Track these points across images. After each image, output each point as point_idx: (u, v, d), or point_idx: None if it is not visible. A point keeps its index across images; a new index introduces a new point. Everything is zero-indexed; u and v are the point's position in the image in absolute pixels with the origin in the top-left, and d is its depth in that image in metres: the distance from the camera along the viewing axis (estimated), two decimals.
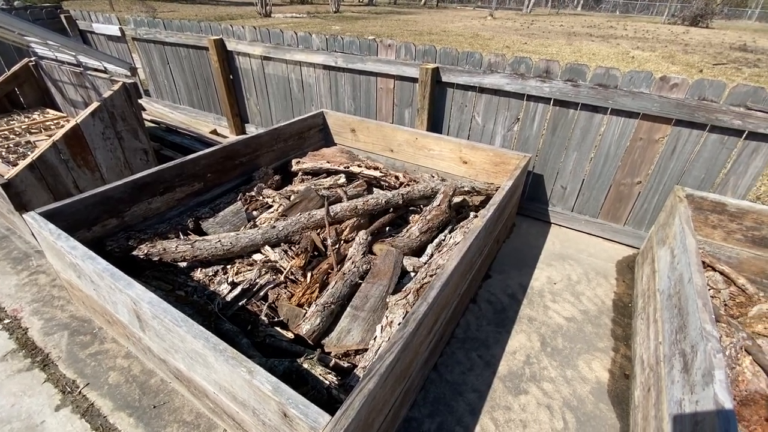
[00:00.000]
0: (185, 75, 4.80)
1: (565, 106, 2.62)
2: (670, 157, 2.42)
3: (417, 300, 1.48)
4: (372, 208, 2.46)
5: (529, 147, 2.88)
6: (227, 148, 2.72)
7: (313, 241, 2.21)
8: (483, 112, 2.97)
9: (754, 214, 2.13)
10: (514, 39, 14.91)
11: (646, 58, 11.45)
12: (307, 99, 3.91)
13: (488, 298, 2.28)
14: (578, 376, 1.82)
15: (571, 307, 2.23)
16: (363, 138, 3.35)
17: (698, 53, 13.02)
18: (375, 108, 3.50)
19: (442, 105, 3.12)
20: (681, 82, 2.22)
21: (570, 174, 2.82)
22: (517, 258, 2.64)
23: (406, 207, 2.68)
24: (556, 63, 2.53)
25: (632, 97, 2.34)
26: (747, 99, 2.09)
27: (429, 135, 3.00)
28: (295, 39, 3.60)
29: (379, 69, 3.21)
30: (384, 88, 3.34)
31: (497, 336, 2.02)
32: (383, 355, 1.15)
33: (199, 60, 4.49)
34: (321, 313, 1.73)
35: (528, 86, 2.63)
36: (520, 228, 2.98)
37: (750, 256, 2.24)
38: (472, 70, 2.81)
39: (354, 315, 1.73)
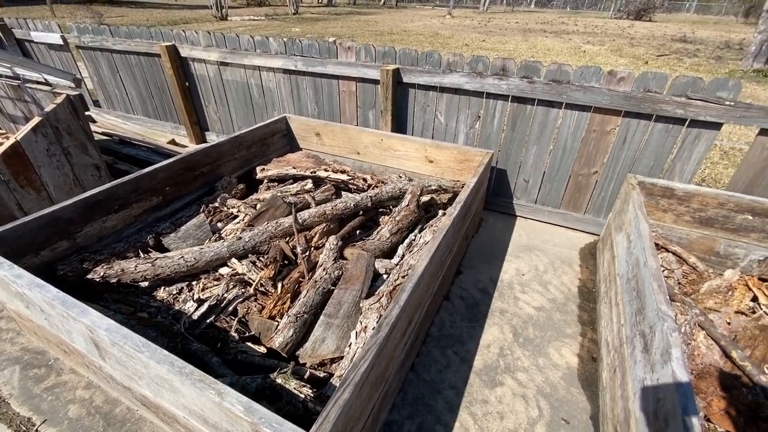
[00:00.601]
0: (138, 84, 4.58)
1: (522, 103, 2.71)
2: (622, 147, 2.55)
3: (390, 303, 1.48)
4: (341, 213, 2.44)
5: (491, 143, 2.95)
6: (186, 158, 2.62)
7: (282, 250, 2.17)
8: (445, 111, 3.01)
9: (700, 197, 2.27)
10: (473, 37, 15.25)
11: (597, 51, 12.02)
12: (268, 104, 3.83)
13: (460, 293, 2.32)
14: (550, 363, 1.89)
15: (539, 297, 2.30)
16: (328, 141, 3.32)
17: (643, 46, 13.80)
18: (339, 111, 3.48)
19: (405, 105, 3.14)
20: (627, 76, 2.34)
21: (531, 167, 2.91)
22: (486, 252, 2.70)
23: (375, 209, 2.68)
24: (511, 61, 2.61)
25: (584, 92, 2.44)
26: (687, 89, 2.24)
27: (394, 136, 3.01)
28: (252, 43, 3.51)
29: (340, 72, 3.19)
30: (346, 90, 3.32)
31: (471, 331, 2.06)
32: (357, 363, 1.14)
33: (151, 68, 4.30)
34: (294, 324, 1.70)
35: (486, 84, 2.70)
36: (487, 222, 3.05)
37: (698, 236, 2.39)
38: (431, 70, 2.85)
39: (328, 323, 1.71)
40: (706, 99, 2.19)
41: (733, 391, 1.35)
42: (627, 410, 1.38)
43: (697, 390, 1.42)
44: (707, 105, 2.20)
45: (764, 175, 2.32)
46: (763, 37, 8.76)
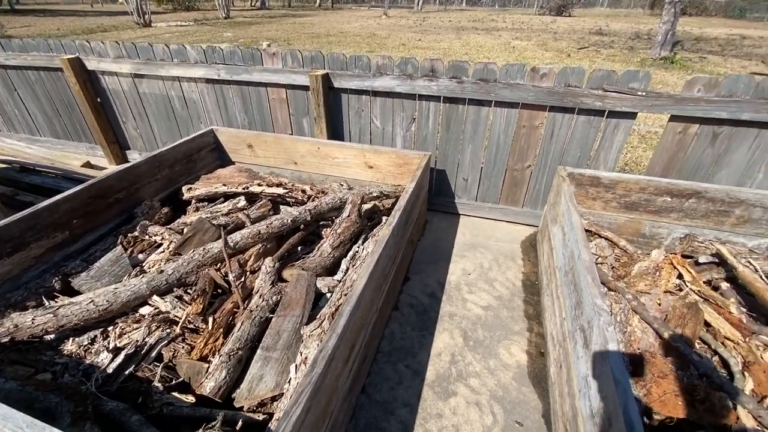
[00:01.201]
0: (41, 102, 4.07)
1: (454, 103, 2.71)
2: (551, 140, 2.63)
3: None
4: (278, 230, 2.29)
5: (429, 144, 2.94)
6: (96, 185, 2.33)
7: (213, 279, 1.98)
8: (380, 115, 2.95)
9: (623, 183, 2.39)
10: (409, 36, 15.46)
11: (525, 47, 12.66)
12: (193, 116, 3.55)
13: (410, 301, 2.26)
14: (500, 364, 1.88)
15: (486, 296, 2.31)
16: (262, 153, 3.14)
17: (565, 39, 14.77)
18: (270, 119, 3.30)
19: (340, 111, 3.04)
20: (548, 72, 2.41)
21: (469, 166, 2.93)
22: (432, 255, 2.67)
23: (316, 222, 2.55)
24: (439, 62, 2.59)
25: (510, 89, 2.49)
26: (603, 82, 2.34)
27: (331, 143, 2.90)
28: (168, 53, 3.23)
29: (268, 79, 3.02)
30: (276, 98, 3.16)
31: (422, 340, 2.01)
32: (290, 410, 1.03)
33: (55, 83, 3.84)
34: (226, 364, 1.54)
35: (417, 86, 2.67)
36: (432, 224, 3.03)
37: (626, 219, 2.52)
38: (362, 74, 2.77)
39: (266, 357, 1.57)
40: (621, 90, 2.31)
41: (669, 375, 1.41)
42: (574, 408, 1.39)
43: (636, 378, 1.46)
44: (622, 96, 2.32)
45: (677, 158, 2.49)
46: (666, 27, 9.68)
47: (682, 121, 2.35)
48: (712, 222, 2.34)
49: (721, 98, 2.21)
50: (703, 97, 2.22)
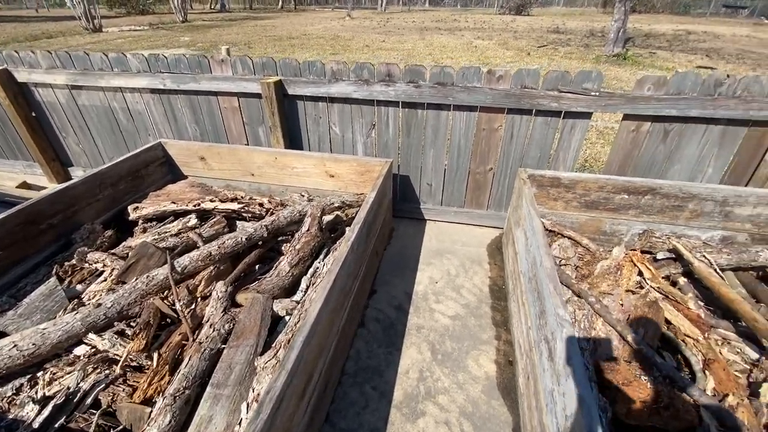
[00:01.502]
0: None
1: (413, 107, 2.65)
2: (510, 142, 2.62)
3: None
4: (232, 250, 2.15)
5: (390, 150, 2.87)
6: (25, 210, 2.12)
7: (159, 310, 1.82)
8: (339, 122, 2.85)
9: (582, 183, 2.40)
10: (373, 37, 15.41)
11: (486, 46, 12.88)
12: (140, 129, 3.33)
13: (376, 315, 2.18)
14: (469, 377, 1.83)
15: (454, 304, 2.26)
16: (216, 165, 2.97)
17: (525, 38, 15.15)
18: (224, 130, 3.13)
19: (296, 119, 2.91)
20: (505, 74, 2.39)
21: (432, 171, 2.88)
22: (399, 264, 2.60)
23: (275, 237, 2.42)
24: (396, 66, 2.53)
25: (468, 92, 2.45)
26: (558, 83, 2.34)
27: (289, 152, 2.78)
28: (107, 62, 3.00)
29: (217, 87, 2.86)
30: (228, 107, 3.00)
31: (389, 357, 1.93)
32: None
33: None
34: (172, 407, 1.40)
35: (374, 92, 2.59)
36: (398, 231, 2.96)
37: (587, 218, 2.54)
38: (317, 80, 2.66)
39: (216, 395, 1.44)
40: (575, 91, 2.32)
41: (633, 382, 1.39)
42: (542, 424, 1.34)
43: (603, 386, 1.44)
44: (577, 97, 2.33)
45: (632, 155, 2.53)
46: (618, 24, 10.09)
47: (634, 119, 2.39)
48: (668, 217, 2.39)
49: (670, 96, 2.25)
50: (654, 96, 2.26)
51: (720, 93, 2.23)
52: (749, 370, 1.60)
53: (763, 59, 11.82)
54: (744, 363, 1.63)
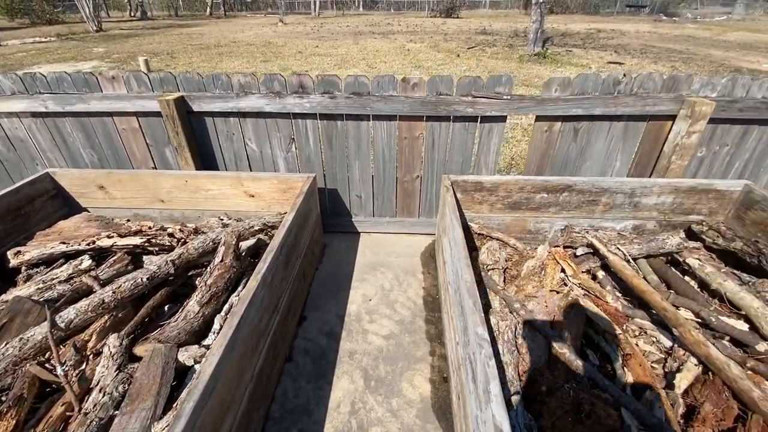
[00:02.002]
0: None
1: (332, 119, 2.54)
2: (433, 149, 2.59)
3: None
4: (131, 294, 1.89)
5: (314, 164, 2.73)
6: None
7: (36, 378, 1.54)
8: (255, 138, 2.66)
9: (504, 185, 2.43)
10: (307, 43, 15.13)
11: (419, 49, 13.14)
12: (26, 159, 2.90)
13: (305, 346, 2.03)
14: (404, 402, 1.74)
15: (388, 322, 2.17)
16: (119, 194, 2.65)
17: (455, 40, 15.67)
18: (126, 154, 2.81)
19: (207, 137, 2.68)
20: (419, 81, 2.35)
21: (360, 182, 2.79)
22: (331, 284, 2.47)
23: (186, 272, 2.18)
24: (308, 77, 2.39)
25: (385, 101, 2.38)
26: (471, 88, 2.34)
27: (201, 174, 2.54)
28: None
29: (111, 107, 2.55)
30: (128, 128, 2.69)
31: (319, 392, 1.79)
32: None
33: None
34: None
35: (288, 104, 2.44)
36: (330, 247, 2.83)
37: (512, 219, 2.57)
38: (224, 95, 2.46)
39: None
40: (488, 95, 2.33)
41: (556, 392, 1.37)
42: None
43: (529, 400, 1.41)
44: (490, 101, 2.34)
45: (548, 154, 2.60)
46: (536, 25, 10.73)
47: (546, 120, 2.45)
48: (585, 212, 2.48)
49: (575, 96, 2.33)
50: (561, 97, 2.33)
51: (619, 91, 2.35)
52: (664, 360, 1.66)
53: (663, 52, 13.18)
54: (659, 353, 1.70)
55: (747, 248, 2.17)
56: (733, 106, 2.33)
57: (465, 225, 2.58)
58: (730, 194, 2.39)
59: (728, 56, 12.29)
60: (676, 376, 1.52)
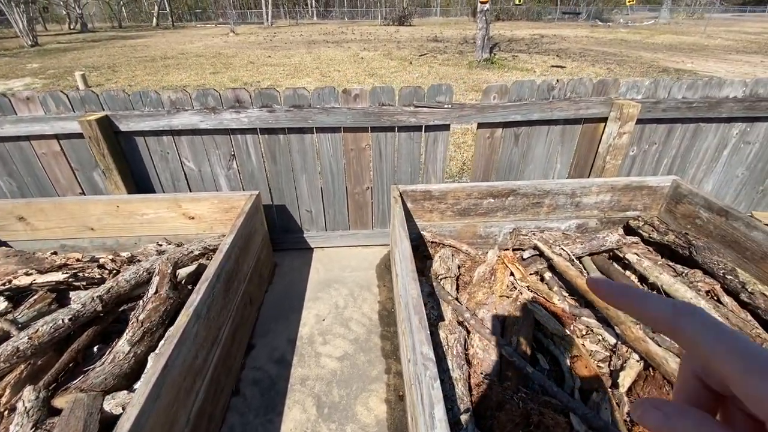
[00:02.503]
0: None
1: (273, 133, 2.45)
2: (380, 159, 2.57)
3: None
4: (51, 338, 1.70)
5: (258, 181, 2.62)
6: None
7: None
8: (192, 156, 2.52)
9: (452, 192, 2.44)
10: (259, 53, 14.83)
11: (372, 57, 13.23)
12: None
13: (254, 376, 1.91)
14: (358, 428, 1.67)
15: (342, 342, 2.10)
16: (42, 225, 2.41)
17: (407, 48, 15.95)
18: (49, 180, 2.57)
19: (139, 158, 2.50)
20: (361, 92, 2.32)
21: (308, 197, 2.71)
22: (282, 306, 2.37)
23: (117, 306, 2.00)
24: (244, 91, 2.30)
25: (327, 114, 2.33)
26: (413, 98, 2.34)
27: (133, 198, 2.36)
28: None
29: (28, 131, 2.32)
30: (48, 152, 2.46)
31: (269, 426, 1.68)
32: None
33: None
34: None
35: (225, 120, 2.32)
36: (282, 266, 2.72)
37: (463, 225, 2.59)
38: (154, 113, 2.30)
39: None
40: (429, 105, 2.34)
41: (506, 405, 1.36)
42: None
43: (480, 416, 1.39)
44: (432, 110, 2.35)
45: (492, 160, 2.65)
46: (482, 32, 11.11)
47: (488, 127, 2.50)
48: (531, 214, 2.54)
49: (512, 103, 2.39)
50: (499, 104, 2.38)
51: (554, 96, 2.43)
52: (609, 358, 1.71)
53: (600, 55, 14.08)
54: (605, 350, 1.74)
55: (678, 240, 2.30)
56: (657, 107, 2.48)
57: (418, 234, 2.57)
58: (661, 190, 2.53)
59: (656, 57, 13.33)
60: (620, 375, 1.56)
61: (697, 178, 2.89)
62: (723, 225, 2.19)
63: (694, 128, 2.65)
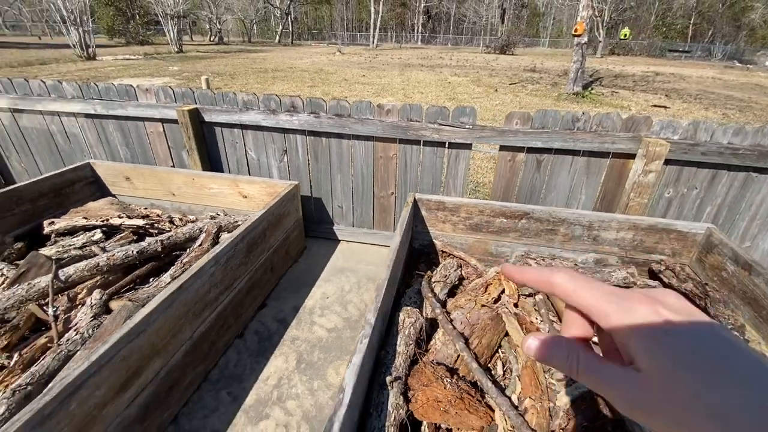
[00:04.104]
0: None
1: (317, 136, 2.88)
2: (405, 169, 2.84)
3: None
4: (122, 262, 2.29)
5: (302, 175, 3.07)
6: None
7: (33, 315, 1.94)
8: (254, 147, 3.07)
9: (465, 207, 2.60)
10: (355, 72, 16.12)
11: (460, 82, 13.54)
12: (77, 151, 3.52)
13: (257, 328, 2.30)
14: (324, 384, 1.94)
15: (336, 318, 2.39)
16: (141, 185, 3.15)
17: (500, 76, 15.94)
18: (151, 153, 3.33)
19: (215, 144, 3.13)
20: (392, 108, 2.64)
21: (341, 194, 3.08)
22: (299, 280, 2.74)
23: (171, 252, 2.56)
24: (298, 98, 2.77)
25: (361, 123, 2.69)
26: (438, 117, 2.59)
27: (204, 174, 2.97)
28: (45, 88, 3.24)
29: (143, 113, 3.08)
30: (154, 132, 3.21)
31: (255, 366, 2.04)
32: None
33: None
34: (8, 400, 1.50)
35: (281, 120, 2.82)
36: (310, 250, 3.12)
37: (474, 240, 2.72)
38: (229, 109, 2.90)
39: None
40: (452, 124, 2.56)
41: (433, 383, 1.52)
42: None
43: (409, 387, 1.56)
44: (453, 129, 2.57)
45: (513, 183, 2.75)
46: (576, 65, 10.75)
47: (509, 150, 2.62)
48: (544, 240, 2.58)
49: (534, 129, 2.50)
50: (520, 129, 2.51)
51: (578, 128, 2.48)
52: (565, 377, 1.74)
53: (720, 99, 12.54)
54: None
55: (696, 290, 2.18)
56: (694, 150, 2.38)
57: (430, 241, 2.77)
58: (692, 236, 2.40)
59: None
60: (561, 392, 1.59)
61: (751, 233, 2.63)
62: (745, 280, 2.03)
63: (743, 177, 2.45)
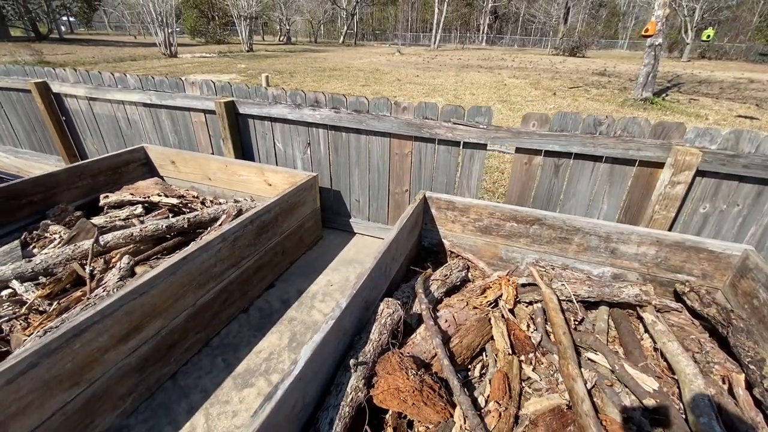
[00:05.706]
0: (21, 118, 4.62)
1: (338, 130, 3.00)
2: (420, 167, 2.86)
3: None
4: (152, 234, 2.57)
5: (323, 167, 3.21)
6: (8, 188, 2.70)
7: (75, 272, 2.26)
8: (281, 139, 3.27)
9: (474, 208, 2.57)
10: (410, 72, 16.19)
11: (517, 84, 13.06)
12: (135, 135, 3.97)
13: (262, 306, 2.46)
14: None
15: (334, 305, 2.48)
16: (183, 169, 3.48)
17: (563, 79, 15.11)
18: (195, 140, 3.67)
19: (248, 134, 3.37)
20: (408, 105, 2.68)
21: (359, 188, 3.18)
22: (309, 267, 2.88)
23: (196, 229, 2.82)
24: (322, 94, 2.91)
25: (378, 120, 2.75)
26: (452, 116, 2.58)
27: (236, 162, 3.22)
28: (113, 80, 3.69)
29: (188, 104, 3.41)
30: (198, 121, 3.53)
31: (252, 339, 2.19)
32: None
33: (30, 103, 4.37)
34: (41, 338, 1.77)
35: (305, 114, 2.97)
36: (325, 240, 3.25)
37: (484, 243, 2.67)
38: (261, 103, 3.11)
39: None
40: (466, 123, 2.54)
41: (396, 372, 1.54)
42: None
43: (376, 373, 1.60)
44: (467, 128, 2.54)
45: (529, 186, 2.66)
46: (647, 69, 9.89)
47: (525, 152, 2.54)
48: (557, 248, 2.47)
49: (551, 132, 2.40)
50: (537, 131, 2.42)
51: (600, 132, 2.34)
52: (544, 388, 1.67)
53: None
54: (540, 380, 1.71)
55: (718, 316, 1.98)
56: (734, 161, 2.14)
57: (438, 240, 2.77)
58: (726, 257, 2.17)
59: None
60: (530, 400, 1.54)
61: None
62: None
63: None
